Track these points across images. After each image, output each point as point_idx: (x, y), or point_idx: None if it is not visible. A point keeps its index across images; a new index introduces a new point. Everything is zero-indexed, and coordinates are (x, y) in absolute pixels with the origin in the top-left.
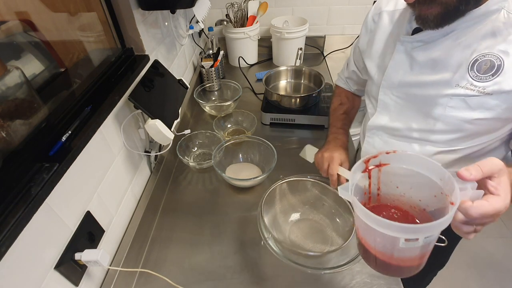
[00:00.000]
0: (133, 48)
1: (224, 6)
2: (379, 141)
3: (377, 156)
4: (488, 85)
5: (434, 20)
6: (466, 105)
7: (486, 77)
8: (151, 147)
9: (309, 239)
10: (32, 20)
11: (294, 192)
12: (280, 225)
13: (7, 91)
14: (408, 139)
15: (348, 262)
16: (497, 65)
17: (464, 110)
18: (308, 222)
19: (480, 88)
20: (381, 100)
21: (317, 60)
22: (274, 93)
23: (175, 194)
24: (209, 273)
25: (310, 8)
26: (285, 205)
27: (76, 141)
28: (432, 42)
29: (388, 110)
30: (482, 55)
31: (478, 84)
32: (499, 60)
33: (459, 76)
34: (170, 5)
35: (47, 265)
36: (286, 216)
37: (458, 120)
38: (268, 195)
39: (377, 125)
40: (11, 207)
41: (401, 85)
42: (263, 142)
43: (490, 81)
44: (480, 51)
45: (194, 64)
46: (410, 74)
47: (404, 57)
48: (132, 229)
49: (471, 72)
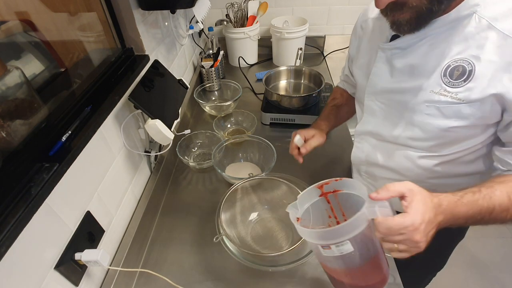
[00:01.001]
0: (133, 48)
1: (224, 6)
2: (367, 146)
3: (329, 182)
4: (460, 91)
5: (408, 25)
6: (441, 113)
7: (458, 83)
8: (151, 147)
9: (267, 238)
10: (32, 20)
11: (258, 191)
12: (238, 223)
13: (7, 91)
14: (393, 144)
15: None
16: (468, 71)
17: (440, 118)
18: (266, 221)
19: (453, 94)
20: (367, 105)
21: (317, 60)
22: (274, 93)
23: (175, 194)
24: (209, 273)
25: (310, 8)
26: (246, 204)
27: (76, 141)
28: (408, 49)
29: (374, 115)
30: (454, 61)
31: (451, 90)
32: (470, 66)
33: (434, 82)
34: (170, 5)
35: (47, 265)
36: (246, 215)
37: (435, 128)
38: (231, 192)
39: (364, 130)
40: (11, 207)
41: (383, 92)
42: (263, 141)
43: (462, 87)
44: (452, 56)
45: (194, 64)
46: (390, 81)
47: (385, 64)
48: (132, 229)
49: (444, 78)
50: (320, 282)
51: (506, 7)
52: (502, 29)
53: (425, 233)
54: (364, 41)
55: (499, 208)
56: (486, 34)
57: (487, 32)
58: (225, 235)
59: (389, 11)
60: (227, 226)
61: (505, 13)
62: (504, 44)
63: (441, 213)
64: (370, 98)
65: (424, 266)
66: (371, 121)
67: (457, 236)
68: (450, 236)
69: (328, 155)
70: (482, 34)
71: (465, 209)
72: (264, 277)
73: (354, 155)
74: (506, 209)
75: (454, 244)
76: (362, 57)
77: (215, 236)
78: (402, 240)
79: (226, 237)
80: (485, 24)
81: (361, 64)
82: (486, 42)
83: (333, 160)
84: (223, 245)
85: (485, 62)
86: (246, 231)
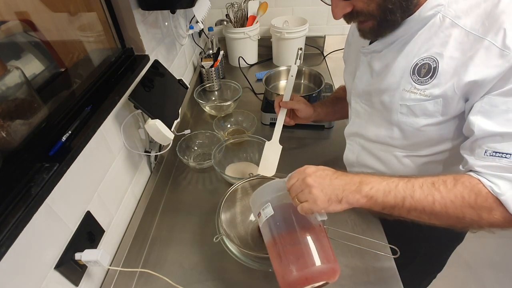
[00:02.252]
0: (133, 48)
1: (224, 6)
2: (357, 147)
3: None
4: (427, 88)
5: (371, 32)
6: (411, 112)
7: (425, 80)
8: (151, 147)
9: None
10: (32, 20)
11: None
12: (238, 223)
13: (7, 91)
14: (378, 144)
15: None
16: (433, 68)
17: (411, 117)
18: None
19: (421, 91)
20: (353, 107)
21: (317, 60)
22: (274, 93)
23: (175, 194)
24: (209, 273)
25: (310, 8)
26: (246, 204)
27: (76, 141)
28: (383, 51)
29: (359, 117)
30: (421, 59)
31: (419, 87)
32: (435, 63)
33: (405, 81)
34: (170, 5)
35: (47, 265)
36: (246, 215)
37: (410, 127)
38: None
39: (352, 131)
40: (11, 207)
41: (365, 93)
42: (263, 141)
43: (429, 83)
44: (419, 55)
45: (194, 64)
46: (371, 82)
47: (366, 67)
48: (132, 229)
49: (413, 76)
50: None
51: (468, 5)
52: (464, 26)
53: (316, 179)
54: (352, 46)
55: (410, 201)
56: (449, 32)
57: (450, 30)
58: (225, 235)
59: (349, 21)
60: (227, 226)
61: (467, 10)
62: (466, 41)
63: (340, 175)
64: (355, 101)
65: (424, 268)
66: (356, 122)
67: (456, 238)
68: (449, 238)
69: (328, 155)
70: (446, 32)
71: (376, 180)
72: (264, 277)
73: (345, 157)
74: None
75: (453, 247)
76: (350, 62)
77: (215, 236)
78: (299, 186)
79: (226, 237)
80: (449, 22)
81: (349, 70)
82: (449, 39)
83: (332, 160)
84: (223, 245)
85: (447, 58)
86: (246, 231)
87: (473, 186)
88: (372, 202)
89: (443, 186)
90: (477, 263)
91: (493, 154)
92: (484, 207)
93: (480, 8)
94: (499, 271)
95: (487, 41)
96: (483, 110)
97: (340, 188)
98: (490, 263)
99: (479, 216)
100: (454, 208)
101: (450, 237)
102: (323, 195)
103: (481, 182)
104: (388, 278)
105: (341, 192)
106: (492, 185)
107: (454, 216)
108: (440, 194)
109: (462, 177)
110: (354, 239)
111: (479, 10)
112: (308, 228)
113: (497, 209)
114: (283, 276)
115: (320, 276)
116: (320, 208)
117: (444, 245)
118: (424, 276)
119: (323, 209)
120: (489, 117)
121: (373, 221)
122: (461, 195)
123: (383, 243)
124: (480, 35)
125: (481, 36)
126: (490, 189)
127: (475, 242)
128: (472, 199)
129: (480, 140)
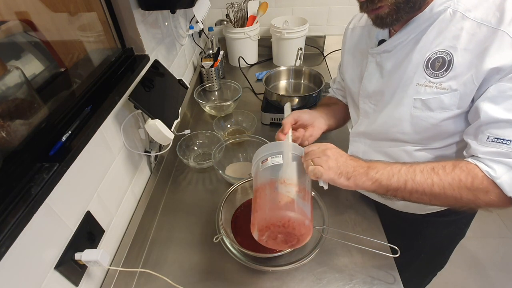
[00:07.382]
0: (133, 48)
1: (224, 6)
2: (362, 147)
3: None
4: (443, 81)
5: (389, 17)
6: (426, 106)
7: (441, 73)
8: (151, 147)
9: None
10: (32, 20)
11: None
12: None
13: (7, 91)
14: (386, 141)
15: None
16: (448, 61)
17: (426, 111)
18: None
19: (437, 84)
20: (361, 108)
21: (317, 60)
22: (274, 93)
23: (175, 194)
24: (209, 273)
25: (310, 8)
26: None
27: (76, 141)
28: (394, 50)
29: (369, 117)
30: (434, 53)
31: (435, 81)
32: (449, 56)
33: (418, 75)
34: (170, 5)
35: (47, 265)
36: None
37: (423, 121)
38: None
39: (359, 131)
40: (11, 207)
41: (375, 93)
42: (263, 141)
43: (444, 76)
44: (432, 49)
45: (194, 64)
46: (381, 82)
47: (375, 67)
48: (132, 229)
49: (427, 70)
50: (320, 282)
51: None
52: (475, 18)
53: (335, 154)
54: (352, 48)
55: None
56: (461, 25)
57: (461, 23)
58: (225, 235)
59: (370, 3)
60: (227, 226)
61: (476, 4)
62: (478, 32)
63: (353, 158)
64: (363, 101)
65: (425, 266)
66: (365, 122)
67: (457, 235)
68: (450, 235)
69: None
70: (457, 26)
71: (381, 166)
72: (264, 277)
73: (350, 154)
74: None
75: (455, 243)
76: (350, 63)
77: (215, 236)
78: (318, 152)
79: (226, 237)
80: (459, 16)
81: (350, 69)
82: (461, 32)
83: None
84: (223, 245)
85: (461, 51)
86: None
87: (469, 170)
88: (377, 185)
89: (442, 171)
90: (477, 262)
91: (495, 140)
92: (480, 189)
93: (489, 1)
94: (499, 271)
95: (500, 31)
96: (491, 96)
97: (351, 168)
98: (490, 263)
99: (476, 196)
100: (451, 190)
101: (453, 232)
102: (337, 168)
103: (477, 167)
104: (389, 277)
105: (351, 171)
106: (489, 169)
107: (452, 197)
108: (439, 177)
109: (461, 163)
110: (354, 238)
111: (488, 3)
112: (304, 189)
113: (492, 191)
114: (264, 210)
115: (294, 226)
116: (330, 177)
117: (447, 241)
118: (425, 274)
119: (332, 179)
120: (496, 102)
121: (374, 220)
122: (458, 178)
123: (383, 242)
124: (493, 25)
125: (494, 26)
126: (486, 173)
127: (475, 242)
128: (469, 182)
129: (484, 126)
